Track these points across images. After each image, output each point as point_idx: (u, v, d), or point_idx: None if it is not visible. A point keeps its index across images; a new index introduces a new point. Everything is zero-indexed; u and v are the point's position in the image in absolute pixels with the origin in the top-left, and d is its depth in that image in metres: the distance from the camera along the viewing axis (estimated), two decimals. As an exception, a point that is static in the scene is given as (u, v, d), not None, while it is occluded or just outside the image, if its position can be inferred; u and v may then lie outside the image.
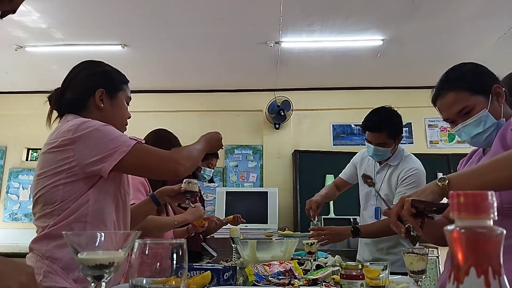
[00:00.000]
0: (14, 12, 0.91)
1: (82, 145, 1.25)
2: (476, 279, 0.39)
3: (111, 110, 1.45)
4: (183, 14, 3.46)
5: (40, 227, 1.29)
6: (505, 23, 3.61)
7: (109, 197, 1.35)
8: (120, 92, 1.50)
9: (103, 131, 1.28)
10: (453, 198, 0.42)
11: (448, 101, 1.34)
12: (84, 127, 1.27)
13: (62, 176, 1.26)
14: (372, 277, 1.09)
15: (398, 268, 1.95)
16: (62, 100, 1.44)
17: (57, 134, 1.31)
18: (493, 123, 1.29)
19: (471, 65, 1.38)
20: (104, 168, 1.25)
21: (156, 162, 1.34)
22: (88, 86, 1.44)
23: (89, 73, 1.49)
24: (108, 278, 0.73)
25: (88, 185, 1.29)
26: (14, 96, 5.32)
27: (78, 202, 1.27)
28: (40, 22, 3.54)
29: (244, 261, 1.80)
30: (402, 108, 5.52)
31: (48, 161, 1.29)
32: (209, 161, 3.23)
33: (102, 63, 1.55)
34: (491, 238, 0.39)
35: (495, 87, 1.31)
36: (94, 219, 1.29)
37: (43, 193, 1.28)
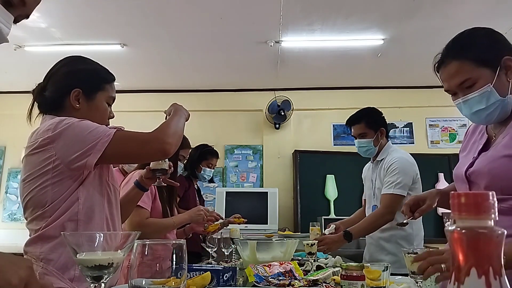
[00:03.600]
0: (28, 17, 0.91)
1: (63, 142, 1.23)
2: (477, 280, 0.39)
3: (88, 111, 1.39)
4: (183, 13, 3.46)
5: (33, 230, 1.28)
6: (505, 23, 3.61)
7: (99, 193, 1.34)
8: (99, 92, 1.43)
9: (81, 126, 1.26)
10: (454, 198, 0.42)
11: (450, 71, 1.22)
12: (62, 125, 1.25)
13: (48, 177, 1.24)
14: (372, 278, 1.09)
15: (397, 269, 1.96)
16: (42, 97, 1.42)
17: (36, 135, 1.30)
18: (497, 100, 1.17)
19: (484, 32, 1.24)
20: (89, 161, 1.23)
21: (140, 145, 1.31)
22: (65, 85, 1.39)
23: (68, 70, 1.43)
24: (107, 278, 0.73)
25: (76, 183, 1.28)
26: (13, 96, 5.32)
27: (68, 201, 1.26)
28: (39, 21, 3.54)
29: (244, 262, 1.80)
30: (403, 108, 5.54)
31: (31, 163, 1.27)
32: (209, 161, 3.23)
33: (85, 60, 1.49)
34: (492, 239, 0.39)
35: (505, 59, 1.17)
36: (86, 216, 1.28)
37: (32, 196, 1.26)
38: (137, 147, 1.31)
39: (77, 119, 1.28)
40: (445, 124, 5.11)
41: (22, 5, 0.86)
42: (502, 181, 1.12)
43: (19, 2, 0.85)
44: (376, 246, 2.37)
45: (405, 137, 5.08)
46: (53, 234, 1.23)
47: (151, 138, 1.32)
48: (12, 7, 0.85)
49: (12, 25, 0.87)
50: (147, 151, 1.32)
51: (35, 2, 0.90)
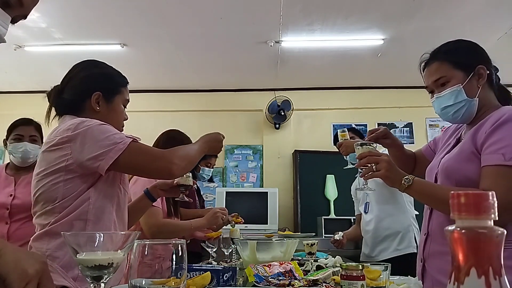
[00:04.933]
0: (25, 18, 0.92)
1: (80, 143, 1.26)
2: (476, 280, 0.39)
3: (107, 113, 1.45)
4: (183, 13, 3.46)
5: (40, 225, 1.30)
6: (505, 23, 3.61)
7: (110, 196, 1.36)
8: (117, 95, 1.49)
9: (100, 129, 1.29)
10: (454, 198, 0.42)
11: (430, 70, 1.39)
12: (82, 126, 1.28)
13: (61, 174, 1.27)
14: (372, 278, 1.09)
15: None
16: (60, 100, 1.45)
17: (56, 133, 1.33)
18: (464, 99, 1.31)
19: (466, 42, 1.42)
20: (101, 166, 1.25)
21: (149, 161, 1.34)
22: (85, 88, 1.44)
23: (87, 74, 1.48)
24: (107, 278, 0.73)
25: (88, 183, 1.30)
26: (13, 96, 5.32)
27: (79, 200, 1.28)
28: (39, 21, 3.54)
29: (244, 262, 1.80)
30: (403, 108, 5.54)
31: (47, 159, 1.30)
32: (208, 160, 3.23)
33: (101, 64, 1.54)
34: (492, 239, 0.39)
35: (479, 67, 1.33)
36: (95, 217, 1.30)
37: (44, 191, 1.29)
38: (147, 161, 1.34)
39: (97, 123, 1.31)
40: (445, 124, 5.10)
41: (19, 6, 0.86)
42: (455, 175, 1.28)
43: (17, 2, 0.85)
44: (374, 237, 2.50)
45: (405, 137, 5.08)
46: (60, 231, 1.23)
47: (161, 156, 1.36)
48: (9, 7, 0.85)
49: (10, 25, 0.87)
50: (155, 167, 1.35)
51: (32, 3, 0.90)
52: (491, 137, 1.21)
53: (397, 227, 2.44)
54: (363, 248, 2.64)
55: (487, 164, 1.19)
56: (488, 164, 1.19)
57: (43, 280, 0.69)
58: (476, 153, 1.25)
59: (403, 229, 2.43)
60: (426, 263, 1.38)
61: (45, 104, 1.53)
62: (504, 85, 1.45)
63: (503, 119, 1.21)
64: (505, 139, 1.18)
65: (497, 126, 1.21)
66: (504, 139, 1.18)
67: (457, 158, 1.30)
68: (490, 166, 1.19)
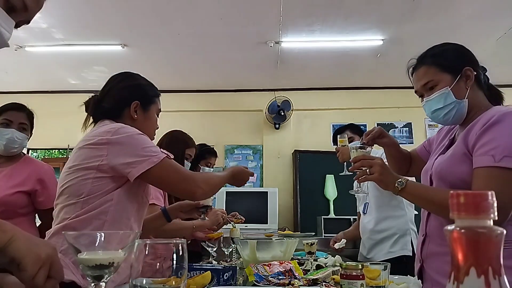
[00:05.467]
0: (29, 23, 0.92)
1: (117, 147, 1.33)
2: (476, 279, 0.39)
3: (143, 121, 1.54)
4: (183, 14, 3.46)
5: (60, 217, 1.33)
6: (505, 23, 3.61)
7: (131, 202, 1.40)
8: (152, 105, 1.59)
9: (139, 139, 1.36)
10: (453, 198, 0.42)
11: (418, 74, 1.42)
12: (122, 131, 1.35)
13: (92, 171, 1.32)
14: (372, 277, 1.09)
15: None
16: (99, 108, 1.52)
17: (95, 132, 1.38)
18: (453, 101, 1.33)
19: (452, 45, 1.43)
20: (132, 173, 1.31)
21: (178, 179, 1.40)
22: (125, 97, 1.53)
23: (128, 85, 1.57)
24: (108, 278, 0.73)
25: (115, 185, 1.35)
26: (14, 96, 5.31)
27: (102, 199, 1.32)
28: (40, 22, 3.54)
29: (244, 261, 1.80)
30: (402, 108, 5.54)
31: (82, 155, 1.35)
32: (207, 160, 3.23)
33: (138, 76, 1.64)
34: (491, 238, 0.39)
35: (466, 69, 1.34)
36: (113, 219, 1.33)
37: (71, 185, 1.33)
38: (175, 180, 1.40)
39: (137, 132, 1.38)
40: (444, 124, 5.11)
41: (24, 11, 0.87)
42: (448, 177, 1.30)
43: (22, 7, 0.86)
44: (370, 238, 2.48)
45: (404, 137, 5.09)
46: (79, 227, 1.28)
47: (189, 178, 1.43)
48: (14, 12, 0.85)
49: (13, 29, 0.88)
50: (182, 187, 1.42)
51: (37, 8, 0.90)
52: (481, 138, 1.22)
53: (394, 230, 2.40)
54: (361, 249, 2.63)
55: (478, 166, 1.20)
56: (479, 166, 1.20)
57: (53, 265, 0.72)
58: (468, 154, 1.25)
59: (400, 232, 2.39)
60: (424, 263, 1.38)
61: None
62: (504, 85, 1.46)
63: (493, 120, 1.22)
64: (495, 141, 1.18)
65: (487, 128, 1.22)
66: (494, 140, 1.19)
67: (450, 160, 1.31)
68: (481, 168, 1.19)
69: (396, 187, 1.31)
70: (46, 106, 5.25)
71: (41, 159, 5.31)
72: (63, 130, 5.19)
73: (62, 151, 5.71)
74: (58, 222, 1.33)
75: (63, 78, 4.93)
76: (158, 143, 2.32)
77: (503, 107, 1.32)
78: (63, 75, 4.86)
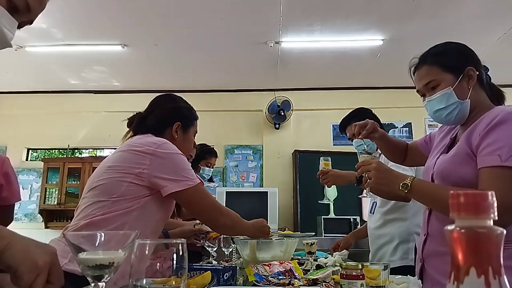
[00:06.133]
0: (31, 23, 0.92)
1: (160, 160, 1.40)
2: (476, 279, 0.39)
3: (182, 141, 1.65)
4: (183, 14, 3.46)
5: (86, 212, 1.37)
6: (505, 23, 3.61)
7: (154, 212, 1.45)
8: (191, 127, 1.71)
9: (181, 159, 1.46)
10: (453, 198, 0.42)
11: (420, 74, 1.40)
12: (168, 147, 1.44)
13: (131, 175, 1.39)
14: (372, 277, 1.09)
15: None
16: (143, 125, 1.61)
17: (143, 141, 1.46)
18: (455, 101, 1.32)
19: (454, 45, 1.42)
20: (167, 188, 1.38)
21: (206, 207, 1.50)
22: (169, 118, 1.64)
23: (173, 107, 1.68)
24: (108, 278, 0.73)
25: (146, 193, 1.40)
26: (14, 96, 5.32)
27: (130, 203, 1.37)
28: (40, 22, 3.53)
29: (244, 261, 1.80)
30: (402, 108, 5.54)
31: (125, 158, 1.43)
32: (208, 160, 3.23)
33: (181, 99, 1.75)
34: (491, 238, 0.39)
35: (468, 69, 1.33)
36: (133, 224, 1.37)
37: (106, 183, 1.39)
38: (204, 207, 1.50)
39: (179, 151, 1.48)
40: (444, 124, 5.11)
41: (27, 12, 0.87)
42: (451, 177, 1.29)
43: (25, 8, 0.86)
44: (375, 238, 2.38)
45: (404, 137, 5.09)
46: (102, 225, 1.32)
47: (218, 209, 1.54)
48: (17, 13, 0.85)
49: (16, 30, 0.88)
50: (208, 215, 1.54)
51: (40, 8, 0.90)
52: (485, 138, 1.21)
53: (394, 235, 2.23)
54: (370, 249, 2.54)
55: (484, 165, 1.19)
56: (485, 166, 1.19)
57: (52, 271, 0.70)
58: (471, 154, 1.25)
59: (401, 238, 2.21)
60: (425, 263, 1.38)
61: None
62: (504, 85, 1.46)
63: (497, 120, 1.21)
64: (500, 141, 1.18)
65: (491, 128, 1.21)
66: (499, 140, 1.18)
67: (452, 160, 1.30)
68: (487, 168, 1.18)
69: (401, 190, 1.29)
70: (46, 106, 5.26)
71: (41, 159, 5.31)
72: (63, 130, 5.20)
73: (62, 151, 5.71)
74: (83, 217, 1.37)
75: (63, 78, 4.93)
76: None
77: (507, 107, 1.31)
78: (63, 75, 4.86)
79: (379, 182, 1.36)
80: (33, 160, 5.42)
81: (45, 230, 4.82)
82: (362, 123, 1.63)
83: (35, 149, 5.50)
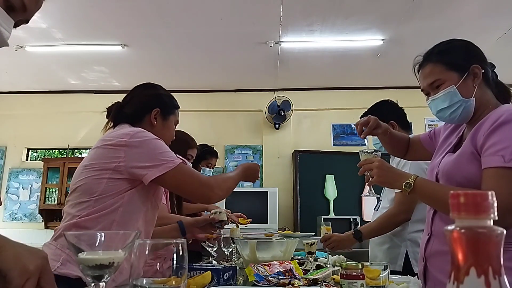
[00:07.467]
0: (27, 22, 0.93)
1: (135, 150, 1.36)
2: (476, 279, 0.39)
3: (161, 128, 1.60)
4: (183, 14, 3.46)
5: (70, 214, 1.35)
6: (505, 23, 3.61)
7: (141, 204, 1.42)
8: (172, 115, 1.67)
9: (156, 143, 1.40)
10: (453, 198, 0.42)
11: (424, 72, 1.38)
12: (141, 135, 1.39)
13: (108, 172, 1.35)
14: (372, 277, 1.09)
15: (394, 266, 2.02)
16: (121, 114, 1.57)
17: (115, 134, 1.42)
18: (459, 100, 1.30)
19: (459, 42, 1.40)
20: (147, 176, 1.34)
21: (193, 184, 1.43)
22: (147, 104, 1.60)
23: (151, 93, 1.65)
24: (108, 278, 0.73)
25: (128, 186, 1.37)
26: (14, 96, 5.32)
27: (113, 199, 1.34)
28: (40, 22, 3.54)
29: (244, 261, 1.80)
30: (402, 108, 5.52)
31: (99, 154, 1.39)
32: (208, 160, 3.23)
33: (160, 86, 1.71)
34: (491, 238, 0.39)
35: (473, 67, 1.31)
36: (122, 219, 1.34)
37: (85, 183, 1.36)
38: (191, 185, 1.43)
39: (154, 137, 1.42)
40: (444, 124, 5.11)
41: (23, 10, 0.88)
42: (456, 177, 1.28)
43: (21, 7, 0.86)
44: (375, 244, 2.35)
45: (405, 137, 5.09)
46: (89, 226, 1.30)
47: (204, 183, 1.46)
48: (13, 11, 0.86)
49: (12, 29, 0.88)
50: (197, 192, 1.46)
51: (35, 8, 0.91)
52: (490, 138, 1.20)
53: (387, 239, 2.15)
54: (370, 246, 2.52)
55: (488, 166, 1.18)
56: (489, 167, 1.18)
57: (43, 275, 0.70)
58: (476, 154, 1.24)
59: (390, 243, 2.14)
60: (428, 262, 1.37)
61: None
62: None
63: (501, 120, 1.20)
64: (504, 141, 1.17)
65: (495, 127, 1.20)
66: (503, 140, 1.17)
67: (457, 160, 1.29)
68: (490, 169, 1.17)
69: (404, 189, 1.28)
70: (46, 106, 5.26)
71: (41, 159, 5.31)
72: (63, 130, 5.20)
73: (62, 151, 5.71)
74: (68, 219, 1.35)
75: (63, 78, 4.93)
76: None
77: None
78: (63, 75, 4.86)
79: (381, 180, 1.35)
80: (33, 160, 5.42)
81: (45, 230, 4.82)
82: (364, 121, 1.58)
83: (35, 149, 5.50)
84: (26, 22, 0.93)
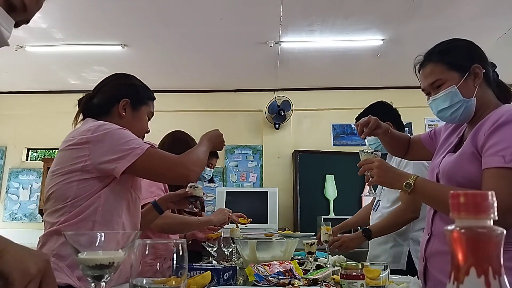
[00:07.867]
0: (28, 22, 0.93)
1: (99, 144, 1.29)
2: (476, 279, 0.39)
3: (132, 120, 1.51)
4: (183, 14, 3.46)
5: (49, 222, 1.31)
6: (505, 23, 3.61)
7: (120, 199, 1.37)
8: (143, 106, 1.56)
9: (119, 133, 1.33)
10: (453, 198, 0.42)
11: (425, 72, 1.38)
12: (102, 129, 1.31)
13: (76, 173, 1.29)
14: (372, 277, 1.09)
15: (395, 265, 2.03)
16: (89, 104, 1.50)
17: (75, 133, 1.36)
18: (460, 100, 1.30)
19: (460, 42, 1.40)
20: (117, 168, 1.28)
21: (166, 167, 1.37)
22: (115, 94, 1.51)
23: (119, 82, 1.56)
24: (108, 278, 0.73)
25: (101, 185, 1.32)
26: (14, 96, 5.32)
27: (89, 201, 1.30)
28: (40, 22, 3.54)
29: (244, 261, 1.80)
30: (402, 108, 5.52)
31: (64, 157, 1.33)
32: (208, 160, 3.22)
33: (132, 76, 1.62)
34: (491, 238, 0.39)
35: (474, 67, 1.30)
36: (103, 219, 1.31)
37: (56, 189, 1.31)
38: (164, 167, 1.37)
39: (117, 127, 1.34)
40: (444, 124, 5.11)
41: (23, 10, 0.88)
42: (456, 177, 1.27)
43: (21, 7, 0.87)
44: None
45: (404, 137, 5.09)
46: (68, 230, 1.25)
47: (178, 163, 1.40)
48: (14, 11, 0.86)
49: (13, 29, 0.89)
50: (172, 174, 1.39)
51: (36, 8, 0.91)
52: (490, 138, 1.20)
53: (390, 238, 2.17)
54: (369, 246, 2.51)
55: (488, 166, 1.18)
56: (489, 167, 1.18)
57: (45, 278, 0.69)
58: (477, 154, 1.23)
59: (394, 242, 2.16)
60: (428, 262, 1.37)
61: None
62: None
63: (502, 120, 1.19)
64: (505, 141, 1.16)
65: (496, 128, 1.20)
66: (504, 141, 1.17)
67: (457, 160, 1.29)
68: (491, 169, 1.17)
69: (405, 189, 1.28)
70: (46, 106, 5.26)
71: (41, 159, 5.31)
72: (63, 130, 5.18)
73: (62, 151, 5.71)
74: (48, 227, 1.31)
75: (63, 78, 4.93)
76: (159, 145, 2.32)
77: None
78: (63, 75, 4.86)
79: (381, 180, 1.35)
80: (33, 160, 5.42)
81: (45, 230, 4.82)
82: (364, 121, 1.58)
83: (35, 149, 5.50)
84: (27, 22, 0.93)
